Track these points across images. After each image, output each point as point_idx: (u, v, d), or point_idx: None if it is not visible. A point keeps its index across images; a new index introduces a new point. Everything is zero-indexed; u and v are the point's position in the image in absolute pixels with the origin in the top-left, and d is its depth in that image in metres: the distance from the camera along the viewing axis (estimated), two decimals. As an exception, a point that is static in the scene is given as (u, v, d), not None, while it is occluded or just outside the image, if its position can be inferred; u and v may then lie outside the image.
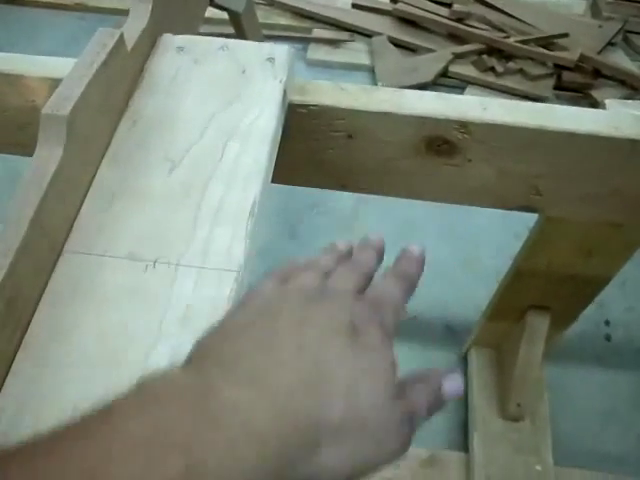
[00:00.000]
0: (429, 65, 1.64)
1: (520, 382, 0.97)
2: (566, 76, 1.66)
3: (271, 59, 0.56)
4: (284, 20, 1.81)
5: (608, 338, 1.22)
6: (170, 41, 0.57)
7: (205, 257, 0.42)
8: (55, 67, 0.57)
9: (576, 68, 1.65)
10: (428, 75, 1.61)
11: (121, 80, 0.51)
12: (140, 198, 0.45)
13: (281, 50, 0.57)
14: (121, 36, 0.49)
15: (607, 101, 0.62)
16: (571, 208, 0.66)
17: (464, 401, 1.10)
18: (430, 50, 1.70)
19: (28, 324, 0.39)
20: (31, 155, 0.72)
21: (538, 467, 0.96)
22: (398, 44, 1.73)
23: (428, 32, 1.75)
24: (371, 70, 1.69)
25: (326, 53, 1.73)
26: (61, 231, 0.43)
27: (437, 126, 0.58)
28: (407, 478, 1.00)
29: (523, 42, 1.68)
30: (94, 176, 0.46)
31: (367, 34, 1.77)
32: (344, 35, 1.78)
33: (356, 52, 1.73)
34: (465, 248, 1.32)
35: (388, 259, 0.36)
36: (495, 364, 1.08)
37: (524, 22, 1.77)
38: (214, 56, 0.56)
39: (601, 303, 1.23)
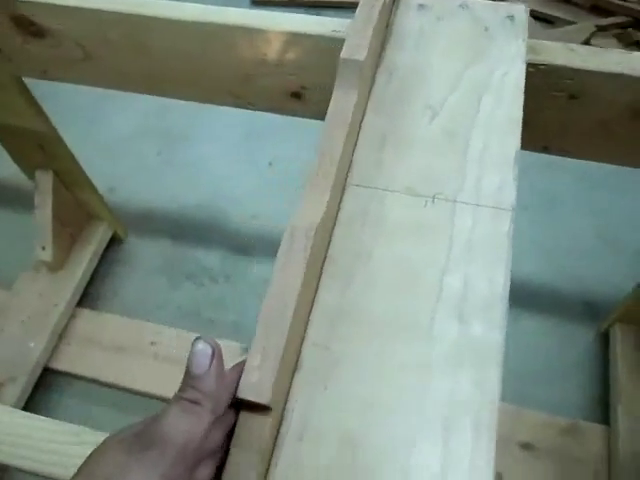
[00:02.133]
0: (570, 37, 1.59)
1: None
2: None
3: (510, 17, 0.58)
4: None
5: None
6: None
7: (479, 196, 0.46)
8: (289, 22, 0.62)
9: None
10: (567, 48, 1.56)
11: (379, 35, 0.55)
12: (407, 142, 0.50)
13: (519, 9, 0.59)
14: (385, -7, 0.53)
15: None
16: None
17: (599, 376, 1.10)
18: (570, 23, 1.65)
19: (326, 252, 0.44)
20: (240, 107, 0.78)
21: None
22: (536, 16, 1.69)
23: (569, 4, 1.70)
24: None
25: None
26: (345, 166, 0.47)
27: (665, 90, 0.58)
28: (544, 443, 1.02)
29: (673, 16, 1.59)
30: (362, 121, 0.51)
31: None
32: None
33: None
34: (606, 225, 1.30)
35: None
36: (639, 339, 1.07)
37: (672, -5, 1.67)
38: (455, 14, 0.59)
39: None
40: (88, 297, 1.19)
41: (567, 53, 0.59)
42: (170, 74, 0.73)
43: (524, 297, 1.19)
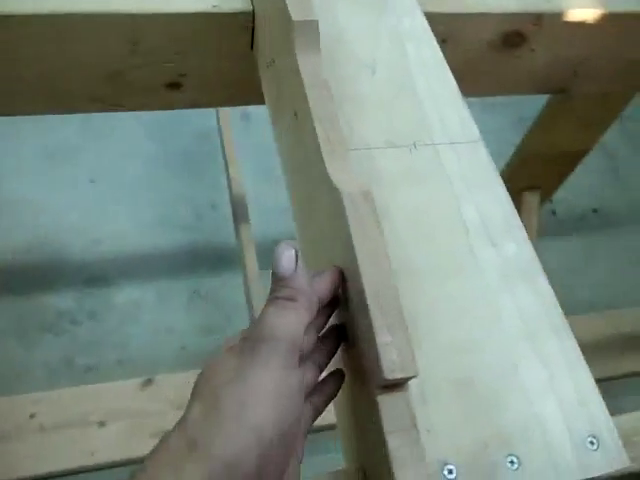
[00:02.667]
0: None
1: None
2: None
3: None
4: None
5: (554, 212, 1.46)
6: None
7: (449, 135, 0.48)
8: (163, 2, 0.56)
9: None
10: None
11: None
12: (361, 101, 0.49)
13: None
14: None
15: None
16: (595, 84, 0.81)
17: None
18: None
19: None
20: (106, 111, 0.69)
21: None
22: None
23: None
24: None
25: None
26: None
27: (515, 21, 0.68)
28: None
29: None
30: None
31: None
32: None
33: None
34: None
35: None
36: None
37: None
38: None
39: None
40: None
41: (439, 1, 0.64)
42: (17, 85, 0.60)
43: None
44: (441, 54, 0.54)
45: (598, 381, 0.39)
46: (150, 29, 0.59)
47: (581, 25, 0.70)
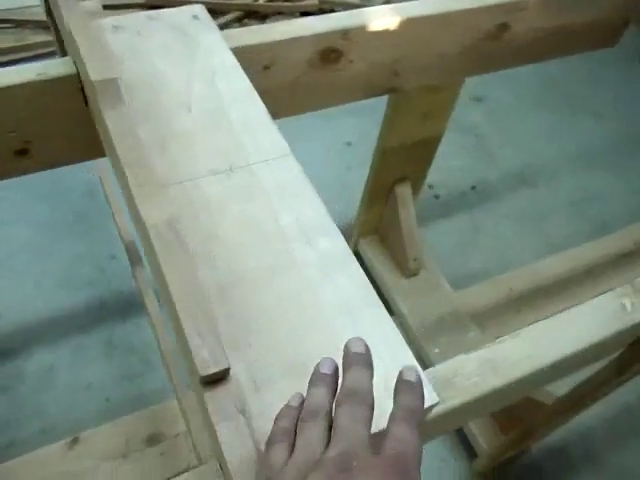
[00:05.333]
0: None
1: (410, 241, 1.23)
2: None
3: (195, 16, 0.67)
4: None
5: (437, 197, 1.57)
6: (103, 24, 0.64)
7: (263, 153, 0.54)
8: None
9: (320, 11, 1.95)
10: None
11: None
12: (182, 136, 0.55)
13: (198, 8, 0.68)
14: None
15: None
16: (415, 80, 0.90)
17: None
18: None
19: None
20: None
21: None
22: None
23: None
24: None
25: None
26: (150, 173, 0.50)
27: (327, 39, 0.75)
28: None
29: (271, 1, 1.92)
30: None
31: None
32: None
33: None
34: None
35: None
36: (382, 243, 1.33)
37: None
38: (150, 26, 0.65)
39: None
40: None
41: (254, 33, 0.71)
42: None
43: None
44: (250, 84, 0.61)
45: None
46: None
47: (386, 32, 0.78)
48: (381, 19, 0.77)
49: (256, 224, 0.49)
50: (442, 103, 1.04)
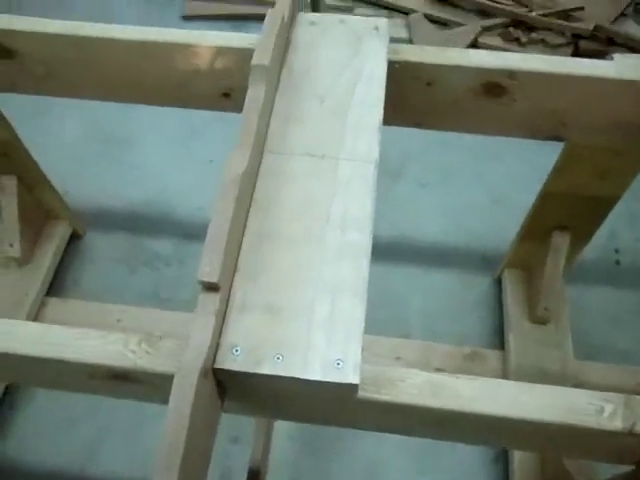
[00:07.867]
0: (461, 37, 1.86)
1: (547, 289, 1.21)
2: (583, 45, 1.86)
3: (376, 28, 0.79)
4: (329, 0, 2.03)
5: (618, 262, 1.45)
6: (304, 17, 0.81)
7: (354, 154, 0.66)
8: (217, 39, 0.81)
9: (591, 37, 1.85)
10: (460, 46, 1.83)
11: (281, 45, 0.75)
12: (303, 120, 0.70)
13: (382, 22, 0.80)
14: (282, 16, 0.73)
15: (615, 55, 0.85)
16: (587, 136, 0.89)
17: (497, 310, 1.35)
18: (461, 24, 1.92)
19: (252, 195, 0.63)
20: (178, 107, 0.96)
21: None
22: (432, 20, 1.95)
23: (459, 9, 1.96)
24: (410, 42, 1.91)
25: (367, 29, 1.95)
26: (262, 138, 0.67)
27: (491, 74, 0.81)
28: (452, 369, 1.24)
29: (544, 15, 1.88)
30: (272, 108, 0.71)
31: (404, 12, 1.99)
32: (383, 13, 2.00)
33: (395, 27, 1.95)
34: (496, 188, 1.56)
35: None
36: (525, 280, 1.32)
37: (545, -3, 1.97)
38: (336, 27, 0.80)
39: (612, 233, 1.47)
40: (55, 287, 1.33)
41: (419, 52, 0.81)
42: (116, 84, 0.91)
43: (432, 253, 1.42)
44: (382, 93, 0.72)
45: None
46: (209, 56, 0.84)
47: (554, 83, 0.81)
48: (552, 69, 0.79)
49: (313, 202, 0.63)
50: (621, 166, 0.99)
